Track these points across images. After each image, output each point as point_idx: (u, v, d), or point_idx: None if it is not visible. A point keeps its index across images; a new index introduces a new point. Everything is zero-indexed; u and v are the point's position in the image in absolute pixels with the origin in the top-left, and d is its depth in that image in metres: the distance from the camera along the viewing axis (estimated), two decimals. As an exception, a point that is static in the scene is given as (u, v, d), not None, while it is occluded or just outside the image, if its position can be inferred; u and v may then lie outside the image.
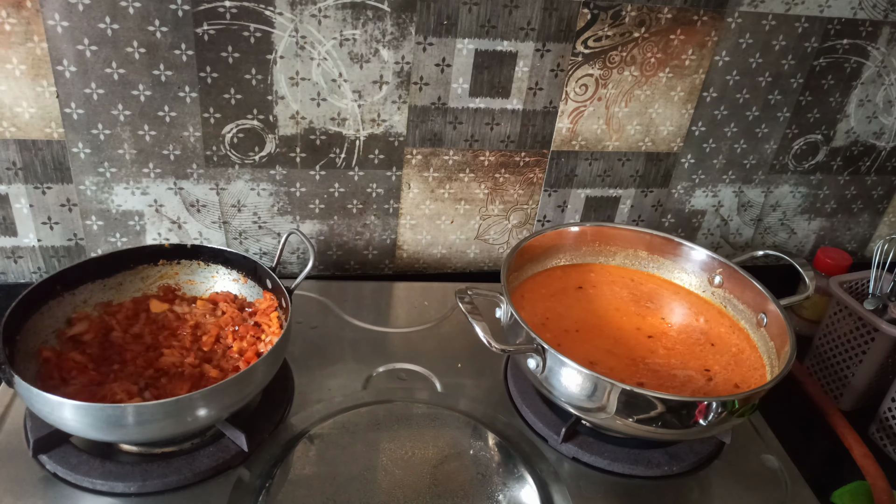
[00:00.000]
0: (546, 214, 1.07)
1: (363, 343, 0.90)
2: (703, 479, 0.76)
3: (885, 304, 0.91)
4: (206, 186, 0.92)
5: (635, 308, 0.88)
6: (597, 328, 0.83)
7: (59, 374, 0.71)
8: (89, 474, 0.66)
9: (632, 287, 0.92)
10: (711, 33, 0.96)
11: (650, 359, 0.80)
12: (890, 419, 0.87)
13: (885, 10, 0.99)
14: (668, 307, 0.89)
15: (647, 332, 0.84)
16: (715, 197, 1.12)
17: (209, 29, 0.82)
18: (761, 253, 0.90)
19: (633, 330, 0.84)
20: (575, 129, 0.99)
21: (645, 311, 0.88)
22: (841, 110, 1.07)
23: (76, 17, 0.78)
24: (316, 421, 0.75)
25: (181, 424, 0.65)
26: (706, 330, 0.86)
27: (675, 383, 0.76)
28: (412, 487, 0.68)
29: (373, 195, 0.99)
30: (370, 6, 0.85)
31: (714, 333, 0.85)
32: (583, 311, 0.86)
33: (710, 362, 0.80)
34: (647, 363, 0.79)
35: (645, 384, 0.75)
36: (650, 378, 0.76)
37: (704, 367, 0.79)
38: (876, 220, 1.22)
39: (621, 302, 0.89)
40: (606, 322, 0.85)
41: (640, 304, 0.89)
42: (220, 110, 0.87)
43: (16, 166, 0.85)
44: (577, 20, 0.91)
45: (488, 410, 0.80)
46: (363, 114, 0.92)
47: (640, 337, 0.83)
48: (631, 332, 0.84)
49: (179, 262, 0.84)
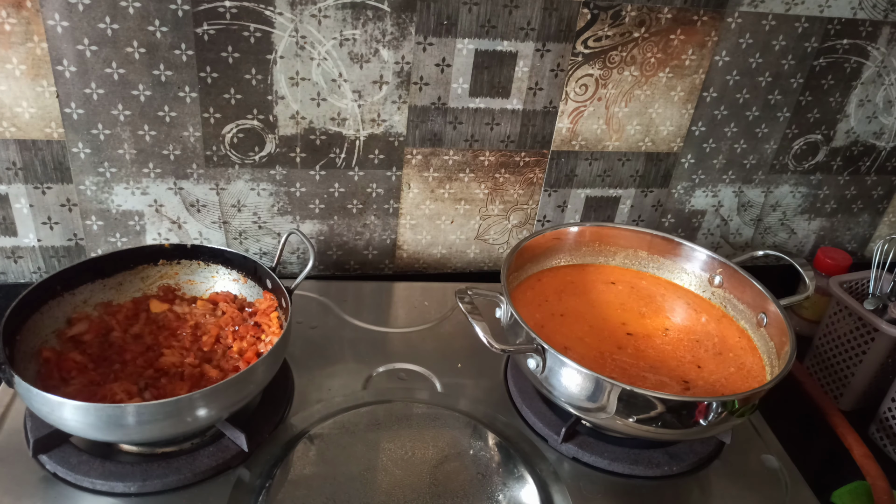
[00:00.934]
0: (546, 214, 1.07)
1: (363, 343, 0.90)
2: (703, 479, 0.77)
3: (885, 304, 0.91)
4: (206, 186, 0.92)
5: (635, 308, 0.88)
6: (584, 318, 0.83)
7: (59, 374, 0.71)
8: (89, 474, 0.66)
9: (631, 287, 0.92)
10: (711, 33, 0.96)
11: (620, 356, 0.80)
12: (890, 419, 0.87)
13: (885, 10, 0.99)
14: (668, 307, 0.89)
15: (640, 331, 0.84)
16: (715, 197, 1.12)
17: (209, 29, 0.82)
18: (761, 253, 0.90)
19: (619, 324, 0.84)
20: (575, 129, 0.99)
21: (645, 312, 0.88)
22: (841, 110, 1.07)
23: (76, 17, 0.78)
24: (316, 421, 0.75)
25: (181, 424, 0.65)
26: (705, 330, 0.86)
27: (645, 385, 0.76)
28: (412, 487, 0.68)
29: (373, 195, 0.99)
30: (370, 6, 0.85)
31: (714, 333, 0.85)
32: (582, 311, 0.86)
33: (707, 362, 0.80)
34: (615, 359, 0.79)
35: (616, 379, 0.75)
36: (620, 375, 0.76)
37: (684, 379, 0.79)
38: (876, 220, 1.22)
39: (621, 301, 0.89)
40: (600, 317, 0.85)
41: (640, 303, 0.89)
42: (220, 110, 0.87)
43: (16, 166, 0.85)
44: (577, 20, 0.91)
45: (488, 410, 0.80)
46: (363, 114, 0.92)
47: (620, 333, 0.83)
48: (617, 326, 0.84)
49: (179, 262, 0.84)
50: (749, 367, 0.80)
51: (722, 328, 0.86)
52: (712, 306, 0.89)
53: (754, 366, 0.80)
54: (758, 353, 0.82)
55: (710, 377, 0.78)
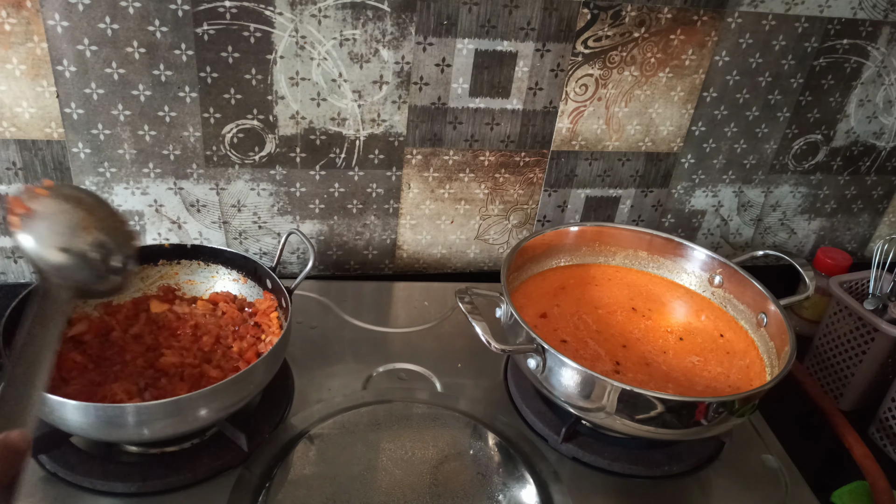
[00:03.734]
0: (546, 214, 1.07)
1: (363, 343, 0.90)
2: (703, 479, 0.77)
3: (885, 304, 0.91)
4: (206, 186, 0.92)
5: (635, 308, 0.88)
6: (583, 318, 0.83)
7: (59, 374, 0.71)
8: (89, 474, 0.66)
9: (631, 287, 0.92)
10: (711, 33, 0.96)
11: (620, 356, 0.80)
12: (890, 419, 0.87)
13: (885, 10, 0.99)
14: (668, 307, 0.89)
15: (640, 331, 0.84)
16: (715, 197, 1.12)
17: (209, 29, 0.82)
18: (761, 253, 0.90)
19: (619, 324, 0.84)
20: (575, 129, 0.99)
21: (645, 312, 0.88)
22: (841, 110, 1.07)
23: (76, 17, 0.78)
24: (316, 421, 0.75)
25: (181, 424, 0.65)
26: (705, 330, 0.86)
27: (645, 385, 0.76)
28: (412, 487, 0.68)
29: (373, 195, 0.99)
30: (370, 6, 0.85)
31: (714, 333, 0.85)
32: (582, 311, 0.86)
33: (707, 362, 0.80)
34: (615, 359, 0.79)
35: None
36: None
37: (683, 379, 0.79)
38: (876, 220, 1.22)
39: (620, 301, 0.89)
40: (600, 317, 0.85)
41: (640, 303, 0.89)
42: (220, 110, 0.87)
43: (16, 166, 0.85)
44: (577, 20, 0.91)
45: (488, 410, 0.80)
46: (363, 114, 0.92)
47: (620, 333, 0.83)
48: (617, 326, 0.84)
49: (179, 262, 0.84)
50: (749, 367, 0.80)
51: (722, 328, 0.86)
52: (712, 306, 0.89)
53: (754, 366, 0.80)
54: (758, 353, 0.82)
55: (709, 377, 0.78)
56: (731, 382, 0.77)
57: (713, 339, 0.84)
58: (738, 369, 0.79)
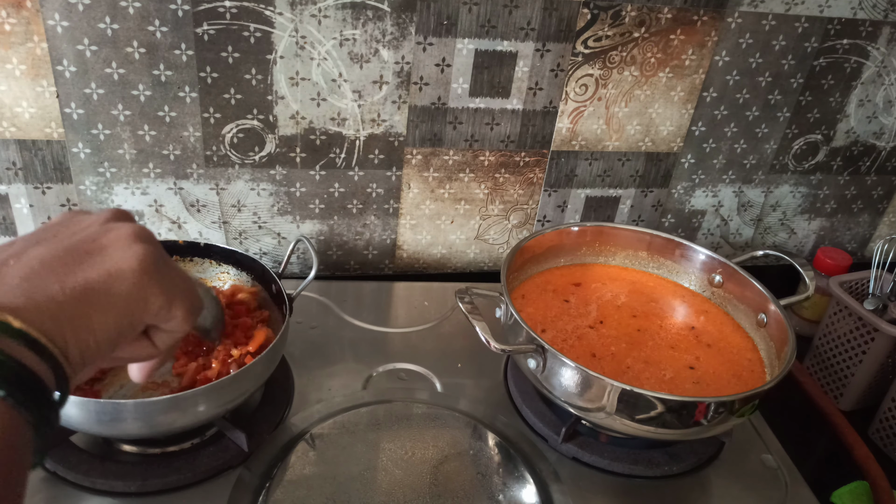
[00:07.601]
0: (546, 214, 1.07)
1: (363, 343, 0.90)
2: (703, 479, 0.77)
3: (885, 304, 0.91)
4: (206, 186, 0.92)
5: (635, 307, 0.88)
6: (583, 318, 0.83)
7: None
8: (89, 473, 0.66)
9: (631, 287, 0.92)
10: (711, 33, 0.96)
11: (620, 356, 0.80)
12: (890, 419, 0.87)
13: (885, 10, 0.99)
14: (668, 307, 0.89)
15: (640, 331, 0.84)
16: (715, 197, 1.12)
17: (209, 29, 0.82)
18: (761, 253, 0.90)
19: (619, 324, 0.84)
20: (575, 129, 0.99)
21: (645, 312, 0.88)
22: (841, 110, 1.07)
23: (76, 17, 0.78)
24: (316, 421, 0.75)
25: (180, 420, 0.65)
26: (705, 330, 0.86)
27: (645, 385, 0.76)
28: (412, 487, 0.68)
29: (373, 195, 0.99)
30: (370, 6, 0.85)
31: (713, 333, 0.85)
32: (582, 311, 0.86)
33: (707, 362, 0.80)
34: (615, 359, 0.79)
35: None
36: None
37: (683, 379, 0.79)
38: (876, 220, 1.22)
39: (620, 301, 0.89)
40: (600, 317, 0.85)
41: (640, 303, 0.89)
42: (220, 110, 0.87)
43: (16, 166, 0.85)
44: (577, 20, 0.91)
45: (488, 410, 0.80)
46: (363, 114, 0.92)
47: (620, 333, 0.83)
48: (617, 326, 0.84)
49: (192, 260, 0.84)
50: (749, 367, 0.80)
51: (722, 328, 0.86)
52: (712, 306, 0.89)
53: (754, 366, 0.80)
54: (758, 352, 0.82)
55: (709, 377, 0.78)
56: (730, 382, 0.77)
57: (713, 339, 0.84)
58: (738, 369, 0.79)
